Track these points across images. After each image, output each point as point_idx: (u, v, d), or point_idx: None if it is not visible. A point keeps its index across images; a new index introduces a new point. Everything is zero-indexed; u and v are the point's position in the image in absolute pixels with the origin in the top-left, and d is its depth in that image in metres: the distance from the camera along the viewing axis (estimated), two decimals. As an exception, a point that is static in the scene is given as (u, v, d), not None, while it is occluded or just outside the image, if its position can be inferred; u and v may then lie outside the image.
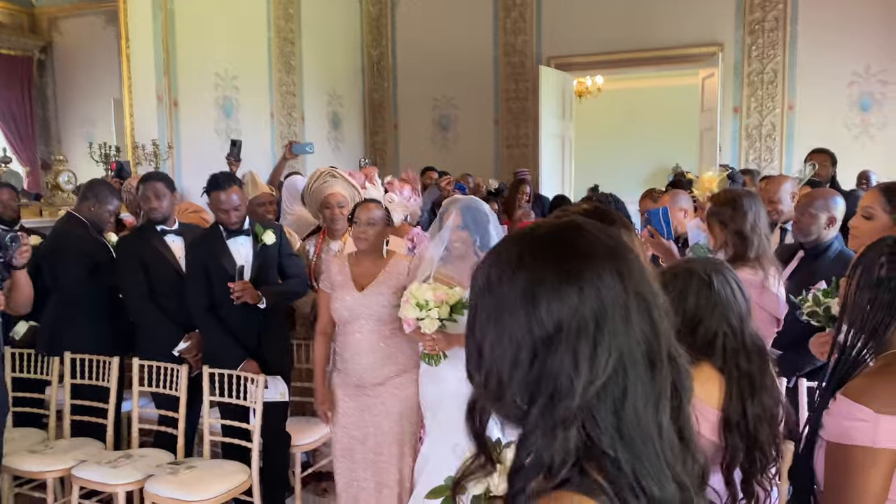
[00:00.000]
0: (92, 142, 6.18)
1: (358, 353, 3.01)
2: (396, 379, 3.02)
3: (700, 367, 1.79)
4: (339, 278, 3.08)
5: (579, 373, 0.74)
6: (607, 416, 0.75)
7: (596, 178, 10.54)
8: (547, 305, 0.75)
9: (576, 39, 8.23)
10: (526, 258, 0.78)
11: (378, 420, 3.02)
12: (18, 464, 3.33)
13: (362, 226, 3.02)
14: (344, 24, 8.65)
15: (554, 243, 0.79)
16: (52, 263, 3.65)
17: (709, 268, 1.88)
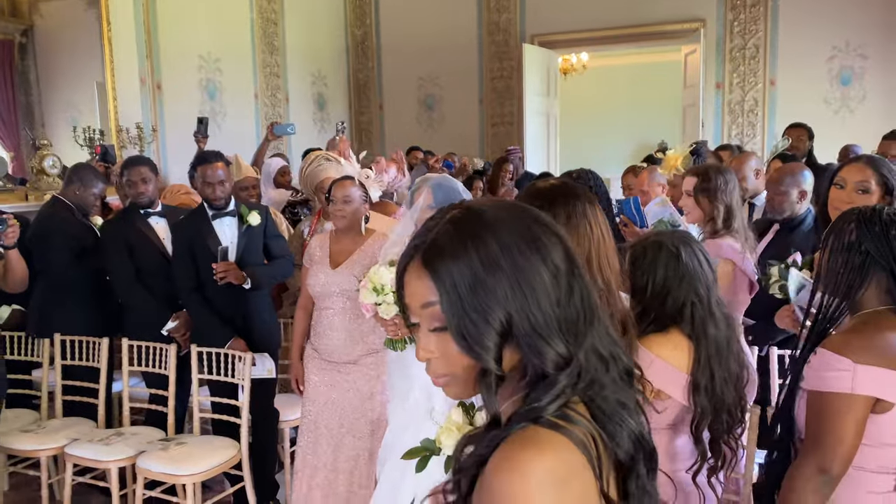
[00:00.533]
0: (76, 126, 6.18)
1: (330, 328, 3.02)
2: (368, 358, 3.00)
3: (670, 333, 1.88)
4: (318, 254, 3.10)
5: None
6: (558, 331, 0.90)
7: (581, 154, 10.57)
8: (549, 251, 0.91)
9: (559, 17, 8.24)
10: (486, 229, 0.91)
11: (348, 396, 3.00)
12: (12, 443, 3.41)
13: (339, 204, 3.00)
14: (327, 3, 8.63)
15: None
16: (39, 247, 3.69)
17: (676, 240, 1.96)
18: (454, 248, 0.88)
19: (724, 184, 2.80)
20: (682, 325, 1.89)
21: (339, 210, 3.02)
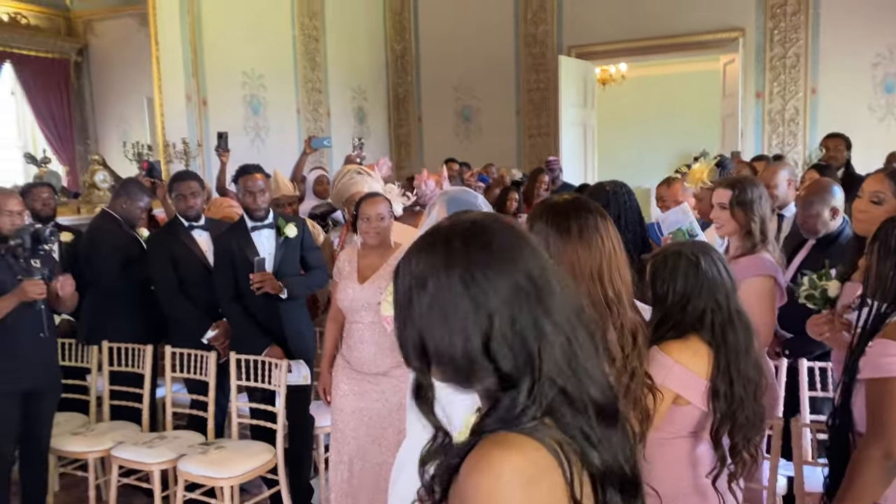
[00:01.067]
0: (126, 141, 6.44)
1: (361, 342, 3.06)
2: (398, 370, 2.98)
3: (689, 340, 1.92)
4: (347, 268, 3.14)
5: (471, 325, 0.93)
6: (505, 345, 0.93)
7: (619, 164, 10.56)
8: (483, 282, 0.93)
9: (597, 28, 8.28)
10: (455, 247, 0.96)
11: (377, 406, 3.02)
12: (63, 445, 3.58)
13: (373, 222, 3.05)
14: (367, 19, 8.81)
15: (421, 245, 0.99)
16: (89, 258, 3.89)
17: (696, 249, 2.01)
18: (406, 259, 0.97)
19: (759, 196, 2.78)
20: (702, 332, 1.93)
21: (374, 227, 3.05)
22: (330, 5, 7.98)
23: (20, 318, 3.18)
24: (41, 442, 3.48)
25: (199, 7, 6.34)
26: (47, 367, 3.43)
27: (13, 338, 3.19)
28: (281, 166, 6.04)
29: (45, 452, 3.53)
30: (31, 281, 3.16)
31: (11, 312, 3.15)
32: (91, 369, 3.90)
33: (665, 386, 1.85)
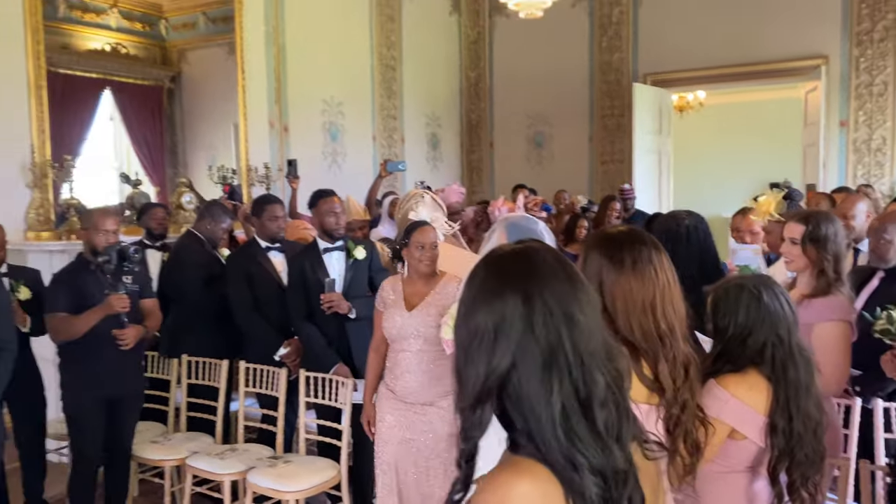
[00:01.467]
0: (212, 165, 6.77)
1: (407, 371, 3.02)
2: (445, 400, 2.96)
3: (747, 374, 1.91)
4: (392, 297, 3.12)
5: (479, 367, 0.97)
6: (513, 404, 0.97)
7: (696, 193, 10.36)
8: (471, 319, 1.00)
9: (673, 55, 8.21)
10: (469, 283, 1.03)
11: (424, 437, 2.98)
12: (142, 452, 3.78)
13: (427, 250, 3.04)
14: (443, 48, 9.01)
15: (487, 270, 1.04)
16: (173, 275, 4.13)
17: (758, 282, 2.00)
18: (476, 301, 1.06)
19: (833, 233, 2.68)
20: (762, 367, 1.91)
21: (429, 255, 3.05)
22: (407, 36, 8.22)
23: (106, 330, 3.40)
24: (125, 446, 3.69)
25: (283, 38, 6.65)
26: (131, 376, 3.64)
27: (99, 347, 3.40)
28: (356, 191, 6.24)
29: (129, 457, 3.74)
30: (116, 295, 3.38)
31: (98, 324, 3.37)
32: (171, 381, 4.11)
33: (720, 419, 1.84)
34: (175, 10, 7.69)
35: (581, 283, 1.04)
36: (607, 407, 0.98)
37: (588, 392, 0.97)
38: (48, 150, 4.90)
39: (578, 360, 0.97)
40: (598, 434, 0.96)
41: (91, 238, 3.50)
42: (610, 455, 0.96)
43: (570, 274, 1.03)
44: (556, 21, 8.65)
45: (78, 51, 7.09)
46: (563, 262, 1.05)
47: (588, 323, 1.00)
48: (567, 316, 0.98)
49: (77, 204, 4.98)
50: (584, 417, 0.96)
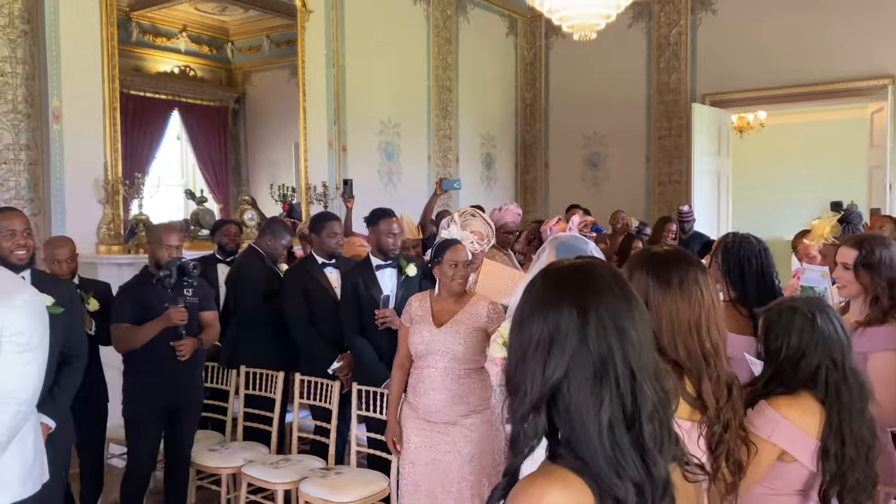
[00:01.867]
0: (273, 183, 7.00)
1: (431, 388, 3.00)
2: (467, 419, 2.96)
3: (800, 396, 1.90)
4: (419, 313, 3.11)
5: (535, 375, 1.00)
6: (560, 411, 1.00)
7: (756, 214, 10.15)
8: (526, 327, 1.03)
9: (733, 76, 8.11)
10: (526, 292, 1.07)
11: (448, 459, 2.96)
12: (200, 460, 3.90)
13: (461, 268, 3.06)
14: (499, 69, 9.11)
15: (545, 281, 1.07)
16: (235, 289, 4.28)
17: (812, 306, 1.99)
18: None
19: (888, 258, 2.60)
20: (815, 390, 1.89)
21: (461, 273, 3.07)
22: (463, 57, 8.35)
23: (166, 341, 3.54)
24: (184, 454, 3.82)
25: (343, 60, 6.86)
26: (189, 386, 3.76)
27: (158, 357, 3.54)
28: (410, 209, 6.35)
29: (188, 464, 3.87)
30: (175, 308, 3.53)
31: (158, 335, 3.51)
32: (229, 392, 4.25)
33: (771, 441, 1.83)
34: (240, 34, 8.00)
35: (635, 300, 1.07)
36: (653, 422, 1.01)
37: (636, 405, 1.00)
38: (120, 168, 5.16)
39: (629, 373, 1.01)
40: (643, 447, 0.99)
41: (155, 252, 3.66)
42: (652, 468, 0.99)
43: (626, 291, 1.07)
44: (612, 42, 8.66)
45: (149, 73, 7.44)
46: (619, 278, 1.09)
47: (640, 338, 1.04)
48: (620, 330, 1.02)
49: (145, 220, 5.22)
50: (628, 430, 0.99)
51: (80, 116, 4.92)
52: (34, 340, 2.36)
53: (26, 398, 2.34)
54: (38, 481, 2.47)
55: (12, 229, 2.94)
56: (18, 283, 2.49)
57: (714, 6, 8.30)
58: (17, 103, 4.73)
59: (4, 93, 4.67)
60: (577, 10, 4.17)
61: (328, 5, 6.70)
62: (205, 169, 7.96)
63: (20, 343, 2.31)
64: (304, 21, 6.46)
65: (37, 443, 2.49)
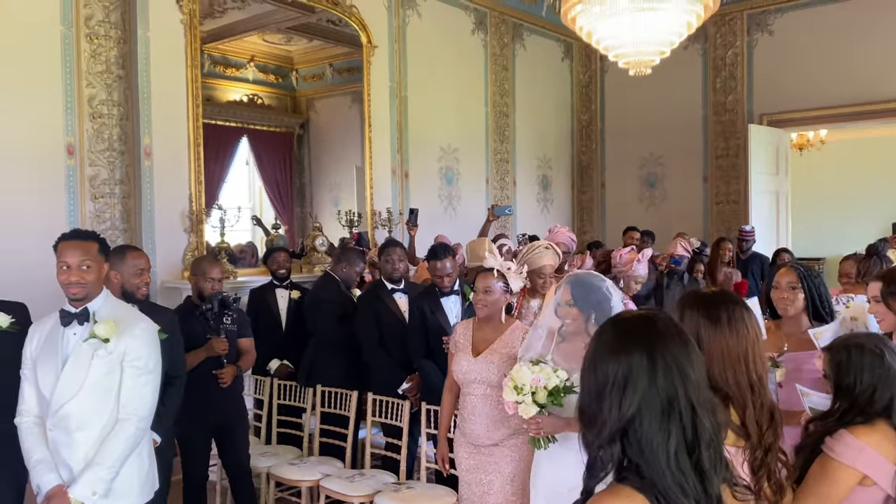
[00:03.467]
0: (338, 205, 7.32)
1: (473, 414, 3.14)
2: (511, 440, 3.07)
3: (877, 425, 2.05)
4: (462, 342, 3.23)
5: (612, 412, 1.21)
6: (632, 441, 1.20)
7: (817, 234, 10.05)
8: (601, 369, 1.25)
9: (791, 95, 8.13)
10: (597, 337, 1.29)
11: (492, 478, 3.09)
12: (281, 473, 4.19)
13: (479, 294, 3.16)
14: (555, 93, 9.31)
15: (616, 329, 1.29)
16: (312, 312, 4.60)
17: (878, 342, 2.16)
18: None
19: None
20: (891, 419, 2.05)
21: (481, 300, 3.16)
22: (520, 83, 8.58)
23: (209, 367, 3.79)
24: (242, 463, 4.06)
25: (405, 91, 7.17)
26: (233, 406, 4.00)
27: (203, 382, 3.76)
28: (469, 232, 6.59)
29: (248, 472, 4.10)
30: (217, 339, 3.79)
31: (202, 362, 3.76)
32: (306, 409, 4.54)
33: (854, 467, 1.98)
34: (305, 63, 8.43)
35: (692, 344, 1.27)
36: (710, 449, 1.20)
37: (696, 435, 1.20)
38: (203, 198, 5.55)
39: (690, 408, 1.20)
40: (702, 470, 1.19)
41: (199, 284, 3.96)
42: (708, 487, 1.19)
43: (684, 337, 1.27)
44: (668, 63, 8.64)
45: (219, 102, 7.91)
46: (677, 326, 1.30)
47: (697, 378, 1.23)
48: (682, 372, 1.22)
49: (226, 247, 5.59)
50: (689, 456, 1.19)
51: (168, 152, 5.33)
52: (150, 364, 2.69)
53: (144, 415, 2.66)
54: (152, 489, 2.79)
55: (142, 268, 3.29)
56: (136, 315, 2.82)
57: (770, 27, 8.34)
58: (113, 142, 5.16)
59: (101, 133, 5.11)
60: (632, 48, 4.35)
61: (391, 39, 7.02)
62: (271, 192, 8.37)
63: (139, 367, 2.64)
64: (369, 56, 6.80)
65: (150, 455, 2.81)
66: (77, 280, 2.58)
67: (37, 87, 4.79)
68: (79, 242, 2.63)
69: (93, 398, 2.57)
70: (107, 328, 2.57)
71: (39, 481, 2.58)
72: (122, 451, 2.57)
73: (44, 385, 2.61)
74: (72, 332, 2.62)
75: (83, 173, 5.02)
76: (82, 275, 2.59)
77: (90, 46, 5.03)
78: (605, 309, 2.71)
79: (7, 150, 4.66)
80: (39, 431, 2.63)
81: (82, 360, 2.57)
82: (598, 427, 1.23)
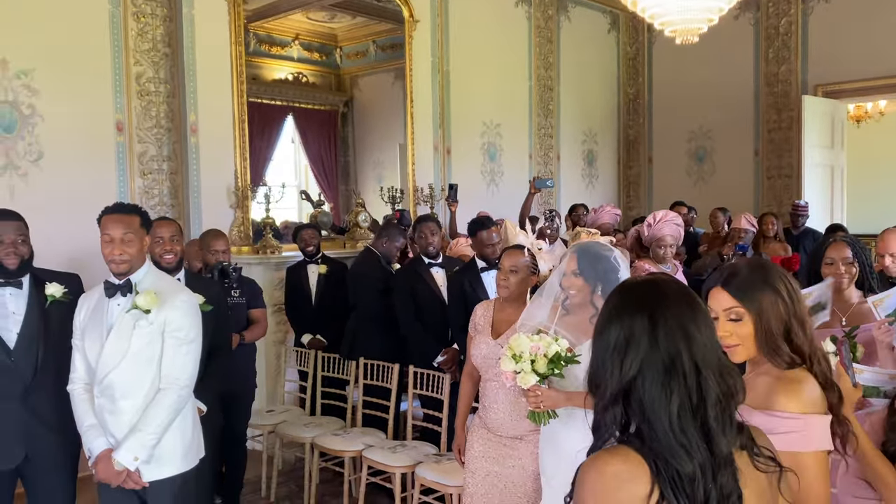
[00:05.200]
0: (381, 182, 7.35)
1: (495, 401, 2.87)
2: (535, 435, 2.77)
3: None
4: (482, 323, 3.00)
5: (613, 373, 1.21)
6: (634, 402, 1.20)
7: (876, 209, 9.68)
8: (605, 334, 1.25)
9: (847, 65, 7.81)
10: (605, 304, 1.29)
11: (511, 473, 2.81)
12: (325, 443, 4.27)
13: (504, 272, 2.93)
14: (601, 66, 9.13)
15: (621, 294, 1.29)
16: (354, 286, 4.65)
17: None
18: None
19: None
20: None
21: (504, 279, 2.94)
22: (564, 55, 8.44)
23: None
24: (236, 431, 4.10)
25: (447, 66, 7.12)
26: (239, 375, 4.03)
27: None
28: (512, 209, 6.55)
29: (241, 439, 4.21)
30: None
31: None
32: (349, 381, 4.61)
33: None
34: (348, 40, 8.44)
35: (699, 306, 1.26)
36: (717, 408, 1.19)
37: (701, 395, 1.19)
38: (248, 175, 5.63)
39: (694, 369, 1.19)
40: (708, 429, 1.18)
41: (205, 256, 4.05)
42: (714, 447, 1.18)
43: (690, 300, 1.26)
44: (718, 34, 8.43)
45: (265, 81, 7.99)
46: (684, 289, 1.28)
47: (703, 339, 1.21)
48: (686, 333, 1.20)
49: (272, 222, 5.67)
50: (694, 417, 1.18)
51: (214, 129, 5.42)
52: (191, 335, 2.75)
53: (184, 384, 2.72)
54: (197, 456, 2.86)
55: (161, 237, 3.37)
56: (177, 286, 2.89)
57: (827, -7, 8.01)
58: (161, 119, 5.27)
59: (149, 110, 5.22)
60: (679, 15, 4.23)
61: (434, 13, 6.97)
62: (316, 170, 8.46)
63: (179, 337, 2.70)
64: (411, 31, 6.77)
65: (195, 423, 2.87)
66: (120, 253, 2.64)
67: (86, 65, 4.92)
68: (121, 216, 2.69)
69: (135, 367, 2.64)
70: (147, 299, 2.63)
71: (90, 445, 2.69)
72: (162, 419, 2.64)
73: (90, 354, 2.70)
74: (115, 303, 2.69)
75: (132, 150, 5.14)
76: (125, 248, 2.65)
77: (137, 25, 5.13)
78: (611, 280, 2.54)
79: (60, 128, 4.80)
80: (89, 398, 2.72)
81: (124, 330, 2.64)
82: (602, 390, 1.23)
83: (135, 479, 2.63)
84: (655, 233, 4.31)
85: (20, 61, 4.66)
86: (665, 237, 4.26)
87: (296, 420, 4.61)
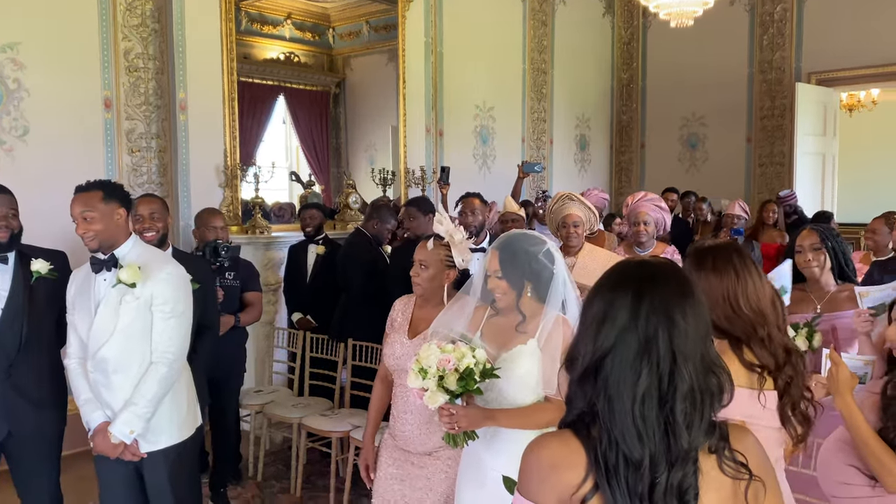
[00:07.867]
0: (373, 164, 7.32)
1: (405, 411, 2.48)
2: (446, 451, 2.41)
3: None
4: (399, 320, 2.64)
5: (587, 345, 1.17)
6: (600, 380, 1.15)
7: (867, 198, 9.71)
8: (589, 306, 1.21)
9: (842, 53, 7.81)
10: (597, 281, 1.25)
11: (419, 496, 2.46)
12: (312, 423, 4.25)
13: (415, 267, 2.52)
14: (595, 49, 9.08)
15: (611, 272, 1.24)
16: (343, 267, 4.61)
17: None
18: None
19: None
20: None
21: (416, 274, 2.53)
22: (559, 39, 8.38)
23: None
24: (226, 414, 4.14)
25: (441, 47, 7.06)
26: (228, 358, 3.99)
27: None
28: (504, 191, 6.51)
29: (231, 422, 4.23)
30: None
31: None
32: (338, 362, 4.59)
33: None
34: (341, 20, 8.34)
35: (691, 294, 1.18)
36: (685, 402, 1.12)
37: (672, 385, 1.12)
38: (238, 154, 5.58)
39: (670, 356, 1.13)
40: (670, 422, 1.12)
41: (203, 234, 4.01)
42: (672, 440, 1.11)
43: (683, 286, 1.19)
44: (713, 19, 8.44)
45: (256, 60, 7.89)
46: (678, 274, 1.22)
47: (687, 328, 1.14)
48: (669, 317, 1.14)
49: (261, 202, 5.62)
50: (660, 406, 1.12)
51: (203, 107, 5.34)
52: (179, 308, 2.72)
53: (174, 358, 2.70)
54: (192, 426, 2.86)
55: (140, 214, 3.35)
56: (164, 259, 2.86)
57: (823, -20, 7.99)
58: (149, 96, 5.20)
59: (138, 86, 5.14)
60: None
61: (427, -7, 6.90)
62: (308, 151, 8.38)
63: (166, 311, 2.68)
64: (404, 10, 6.69)
65: (189, 395, 2.87)
66: (84, 231, 2.63)
67: (74, 40, 4.83)
68: (79, 195, 2.67)
69: (125, 342, 2.63)
70: (130, 273, 2.60)
71: (87, 419, 2.70)
72: (154, 392, 2.64)
73: (81, 330, 2.69)
74: (102, 278, 2.67)
75: (120, 127, 5.07)
76: (88, 226, 2.62)
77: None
78: (544, 277, 2.19)
79: (47, 103, 4.73)
80: (83, 372, 2.72)
81: (112, 305, 2.63)
82: (576, 364, 1.19)
83: (132, 451, 2.66)
84: (631, 211, 4.33)
85: (6, 35, 4.58)
86: (639, 214, 4.24)
87: (284, 401, 4.60)
